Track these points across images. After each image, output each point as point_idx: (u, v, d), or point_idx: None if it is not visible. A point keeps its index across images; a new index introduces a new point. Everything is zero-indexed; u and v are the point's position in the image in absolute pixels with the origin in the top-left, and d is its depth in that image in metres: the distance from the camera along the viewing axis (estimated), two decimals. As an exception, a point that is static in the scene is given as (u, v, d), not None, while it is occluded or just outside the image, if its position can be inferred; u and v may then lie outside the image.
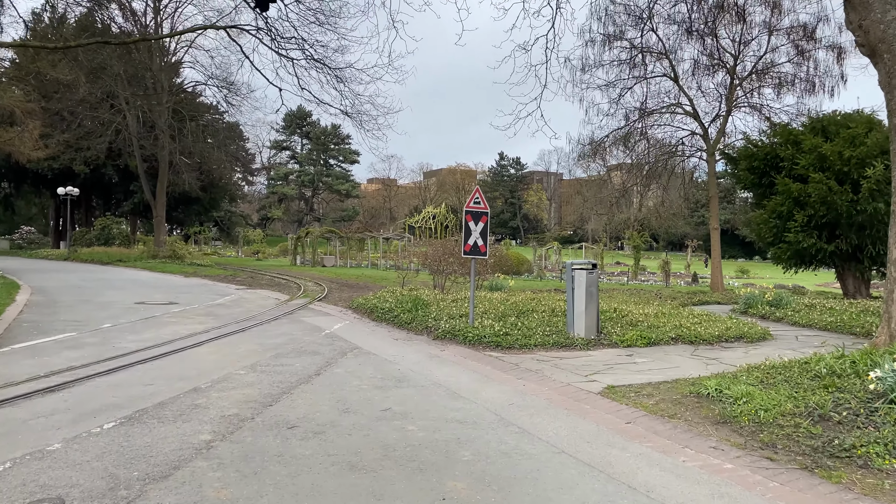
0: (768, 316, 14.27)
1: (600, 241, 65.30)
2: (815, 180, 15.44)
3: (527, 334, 9.90)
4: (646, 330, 10.58)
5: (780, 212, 16.46)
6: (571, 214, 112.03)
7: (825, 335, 11.56)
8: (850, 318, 12.51)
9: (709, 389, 6.36)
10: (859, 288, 16.54)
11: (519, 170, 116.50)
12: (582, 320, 9.98)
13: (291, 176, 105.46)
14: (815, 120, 17.25)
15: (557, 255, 57.65)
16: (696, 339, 10.09)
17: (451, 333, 10.14)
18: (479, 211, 10.29)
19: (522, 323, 10.76)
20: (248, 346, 9.34)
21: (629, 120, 27.38)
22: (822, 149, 15.59)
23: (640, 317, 11.91)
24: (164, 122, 34.59)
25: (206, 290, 18.84)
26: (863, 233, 15.52)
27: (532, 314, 12.08)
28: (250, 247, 71.60)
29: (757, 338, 10.58)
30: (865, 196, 14.86)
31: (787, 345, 10.25)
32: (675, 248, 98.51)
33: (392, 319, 11.96)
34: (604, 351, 9.38)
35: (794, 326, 12.87)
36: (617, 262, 69.68)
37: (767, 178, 17.40)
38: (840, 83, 24.83)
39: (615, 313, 12.22)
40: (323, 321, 12.37)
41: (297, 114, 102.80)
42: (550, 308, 12.63)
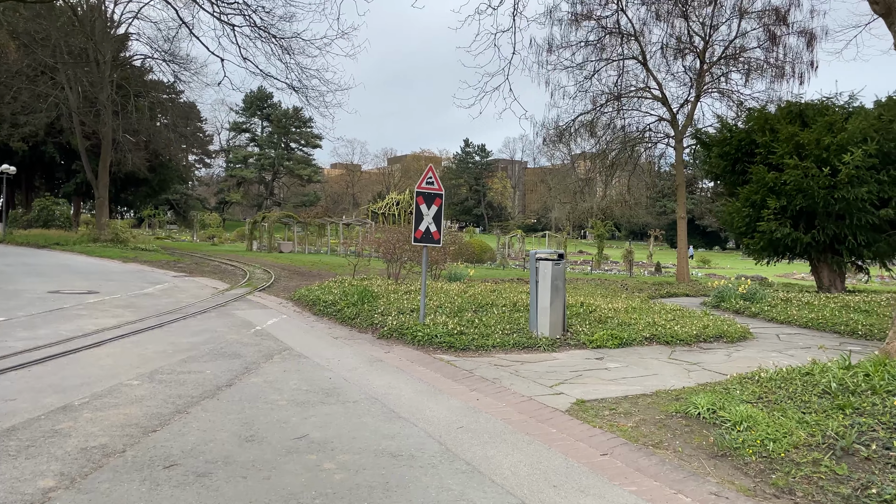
0: (742, 311, 13.39)
1: (564, 230, 64.74)
2: (791, 166, 14.57)
3: (484, 333, 8.72)
4: (617, 328, 9.51)
5: (754, 200, 15.57)
6: (535, 202, 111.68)
7: (806, 333, 10.66)
8: (832, 314, 11.65)
9: (699, 408, 5.26)
10: (834, 281, 15.80)
11: (484, 157, 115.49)
12: (547, 317, 8.86)
13: (251, 159, 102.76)
14: (791, 104, 16.38)
15: (521, 242, 56.95)
16: (672, 340, 9.04)
17: (398, 332, 8.90)
18: (433, 192, 9.05)
19: (480, 319, 9.59)
20: (158, 347, 7.97)
21: (596, 104, 26.41)
22: (799, 137, 14.71)
23: (609, 312, 10.85)
24: (105, 97, 32.40)
25: (139, 278, 17.24)
26: (841, 222, 14.73)
27: (492, 308, 10.93)
28: (206, 231, 69.32)
29: (737, 337, 9.59)
30: (844, 183, 14.04)
31: (771, 345, 9.28)
32: (637, 238, 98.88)
33: (335, 314, 10.67)
34: (571, 353, 8.26)
35: (772, 323, 11.98)
36: (580, 250, 69.35)
37: (741, 165, 16.50)
38: (810, 70, 24.25)
39: (582, 308, 11.14)
40: (257, 315, 11.01)
41: (257, 95, 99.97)
42: (512, 301, 11.49)
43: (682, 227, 26.19)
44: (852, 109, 15.40)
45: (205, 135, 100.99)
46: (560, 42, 25.16)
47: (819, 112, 15.65)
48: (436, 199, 9.04)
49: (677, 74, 25.93)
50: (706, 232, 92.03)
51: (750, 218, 15.87)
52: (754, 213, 15.78)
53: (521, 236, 60.18)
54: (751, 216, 15.86)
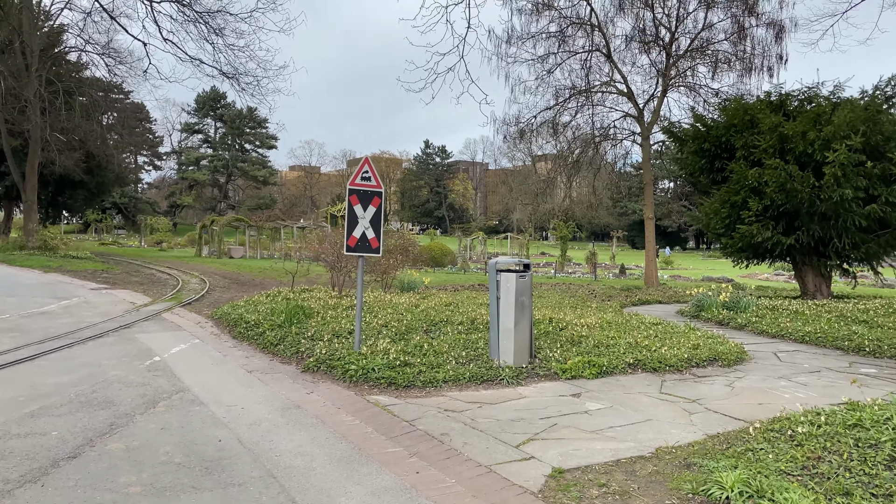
0: (726, 322, 12.04)
1: (526, 231, 63.58)
2: (772, 166, 13.32)
3: (435, 363, 7.09)
4: (593, 351, 7.98)
5: (734, 201, 14.28)
6: (497, 204, 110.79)
7: (806, 350, 9.31)
8: (830, 326, 10.35)
9: (726, 490, 3.71)
10: (820, 286, 14.61)
11: (444, 158, 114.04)
12: (510, 342, 7.28)
13: (204, 161, 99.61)
14: (771, 93, 15.14)
15: (483, 245, 55.64)
16: (660, 366, 7.54)
17: (327, 363, 7.20)
18: (370, 190, 7.38)
19: (430, 344, 7.95)
20: (10, 392, 6.13)
21: (559, 99, 25.06)
22: (783, 128, 13.47)
23: (582, 329, 9.33)
24: (33, 94, 29.83)
25: (48, 292, 15.15)
26: (827, 223, 13.53)
27: (446, 327, 9.31)
28: (154, 236, 66.42)
29: (733, 359, 8.15)
30: (830, 182, 12.83)
31: (773, 369, 7.86)
32: (598, 239, 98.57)
33: (257, 338, 8.90)
34: (541, 387, 6.69)
35: (763, 337, 10.63)
36: (542, 252, 68.38)
37: (720, 161, 15.23)
38: (779, 63, 23.26)
39: (551, 325, 9.59)
40: (163, 340, 9.17)
41: (209, 95, 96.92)
42: (470, 318, 9.89)
43: (650, 228, 25.00)
44: (837, 100, 14.24)
45: (154, 136, 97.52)
46: (520, 33, 23.73)
47: (802, 103, 14.46)
48: (373, 198, 7.37)
49: (643, 67, 24.80)
50: (666, 232, 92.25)
51: (730, 219, 14.59)
52: (734, 213, 14.51)
53: (483, 238, 58.94)
54: (730, 217, 14.58)
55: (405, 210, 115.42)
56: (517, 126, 26.11)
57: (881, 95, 13.67)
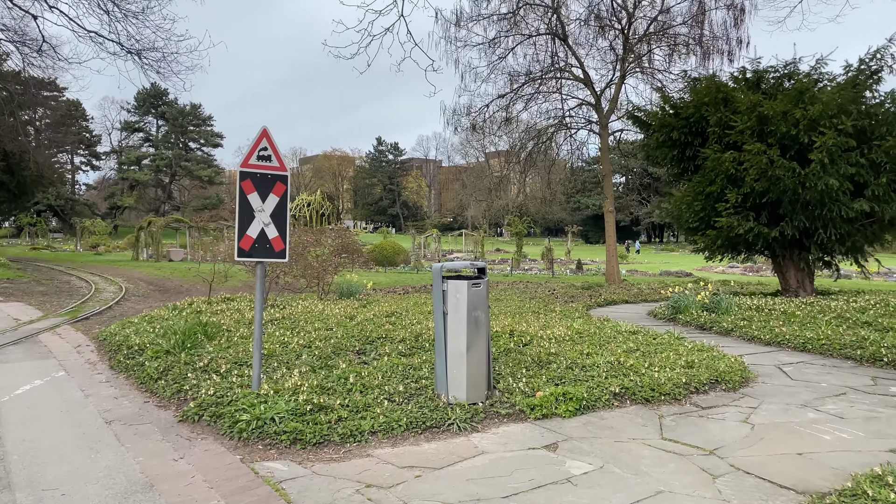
0: (709, 326, 10.57)
1: (480, 228, 62.14)
2: (753, 151, 11.92)
3: (362, 404, 5.29)
4: (567, 375, 6.31)
5: (709, 191, 12.85)
6: (451, 201, 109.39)
7: (813, 361, 7.83)
8: (832, 331, 8.92)
9: None
10: (802, 281, 13.31)
11: (397, 155, 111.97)
12: (461, 370, 5.54)
13: (145, 160, 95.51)
14: (744, 70, 13.73)
15: (437, 242, 54.04)
16: (653, 396, 5.90)
17: (213, 410, 5.30)
18: (270, 174, 5.52)
19: (359, 374, 6.14)
20: None
21: (513, 86, 23.48)
22: (762, 108, 12.07)
23: (549, 344, 7.68)
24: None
25: (-81, 308, 12.79)
26: (812, 214, 12.20)
27: (384, 346, 7.53)
28: (90, 239, 62.98)
29: (738, 380, 6.58)
30: (816, 170, 11.49)
31: (790, 393, 6.30)
32: (552, 234, 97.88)
33: (137, 368, 6.93)
34: (503, 434, 4.98)
35: (755, 344, 9.15)
36: (497, 248, 67.09)
37: (691, 149, 13.79)
38: (739, 47, 22.10)
39: (512, 339, 7.91)
40: (14, 375, 7.11)
41: (150, 92, 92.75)
42: (415, 333, 8.13)
43: (610, 222, 23.74)
44: (819, 76, 12.93)
45: (92, 134, 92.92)
46: (471, 14, 22.06)
47: (781, 80, 13.12)
48: (276, 183, 5.51)
49: (602, 50, 23.37)
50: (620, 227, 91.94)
51: (704, 212, 13.15)
52: (708, 205, 13.08)
53: (437, 236, 57.33)
54: (705, 210, 13.15)
55: (358, 208, 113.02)
56: (469, 116, 24.46)
57: (866, 70, 12.41)
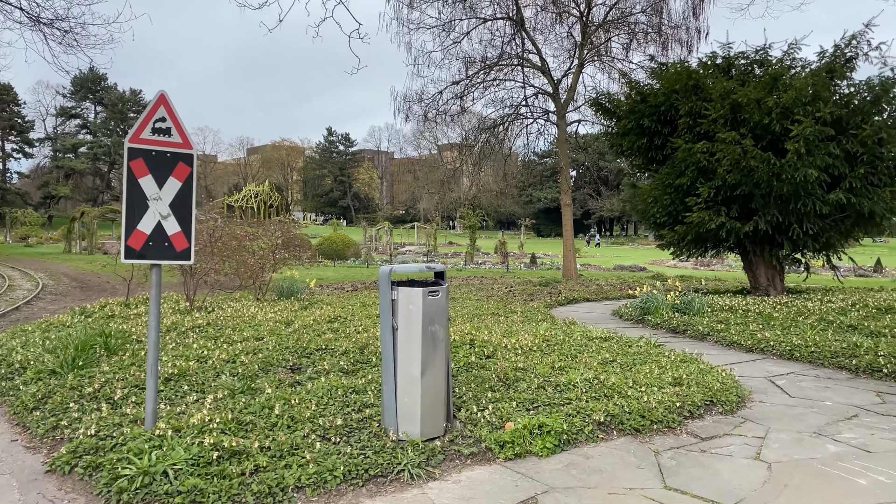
0: (682, 329, 9.76)
1: (433, 221, 61.11)
2: (727, 140, 11.16)
3: (287, 447, 4.14)
4: (540, 398, 5.30)
5: (679, 184, 12.06)
6: (403, 193, 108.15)
7: (805, 372, 7.03)
8: (820, 336, 8.16)
9: None
10: (773, 279, 12.67)
11: (348, 146, 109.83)
12: (415, 399, 4.48)
13: (82, 148, 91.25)
14: (713, 56, 12.97)
15: (389, 235, 52.87)
16: (643, 425, 4.93)
17: (89, 460, 4.07)
18: (171, 151, 4.30)
19: (288, 401, 5.00)
20: None
21: (468, 72, 22.46)
22: (736, 95, 11.32)
23: (515, 356, 6.68)
24: None
25: None
26: (786, 208, 11.54)
27: (323, 360, 6.41)
28: (20, 230, 59.75)
29: (735, 400, 5.69)
30: (793, 160, 10.79)
31: (796, 416, 5.43)
32: (505, 227, 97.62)
33: (11, 393, 5.60)
34: (465, 483, 3.92)
35: (737, 351, 8.34)
36: (450, 241, 66.29)
37: (660, 137, 12.97)
38: (698, 37, 21.57)
39: (472, 350, 6.88)
40: None
41: (88, 77, 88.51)
42: (360, 343, 7.02)
43: (568, 215, 22.96)
44: (791, 63, 12.26)
45: (24, 120, 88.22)
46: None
47: (752, 66, 12.41)
48: (178, 164, 4.30)
49: (560, 36, 22.53)
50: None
51: (673, 206, 12.37)
52: (678, 198, 12.30)
53: (389, 228, 56.12)
54: (674, 203, 12.36)
55: (308, 200, 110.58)
56: (421, 103, 23.34)
57: (841, 57, 11.79)
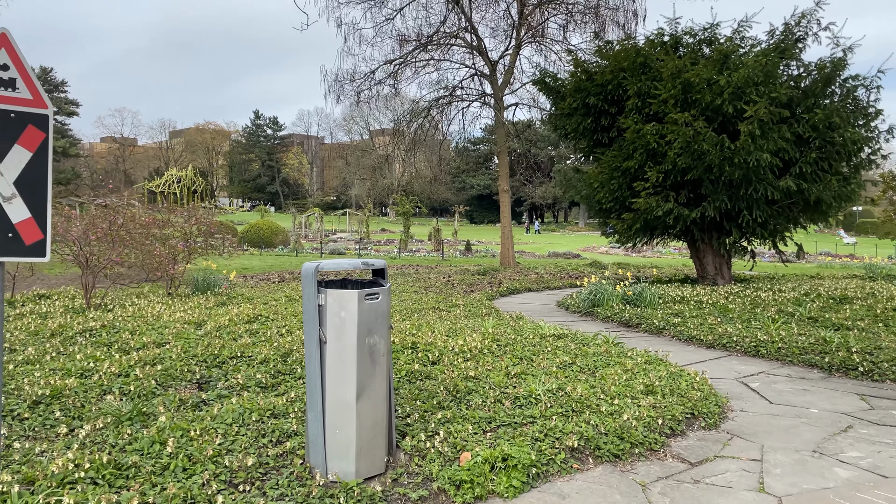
0: (635, 323, 9.15)
1: (365, 207, 59.69)
2: (678, 122, 10.61)
3: (181, 500, 3.16)
4: (498, 415, 4.46)
5: (627, 167, 11.46)
6: (335, 179, 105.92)
7: (776, 371, 6.46)
8: (785, 331, 7.64)
9: None
10: (721, 268, 12.28)
11: (277, 130, 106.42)
12: (349, 431, 3.54)
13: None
14: (661, 32, 12.38)
15: (319, 222, 51.30)
16: (622, 448, 4.12)
17: None
18: (15, 111, 3.19)
19: (186, 434, 3.96)
20: None
21: (403, 49, 21.41)
22: (688, 74, 10.76)
23: (464, 361, 5.82)
24: None
25: None
26: (737, 194, 11.11)
27: (237, 371, 5.39)
28: None
29: (717, 414, 4.99)
30: (746, 143, 10.33)
31: (785, 428, 4.77)
32: (438, 214, 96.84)
33: None
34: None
35: (697, 346, 7.75)
36: (382, 228, 65.04)
37: (607, 118, 12.33)
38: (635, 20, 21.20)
39: (416, 356, 5.98)
40: None
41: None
42: (283, 351, 5.99)
43: (506, 202, 22.33)
44: (741, 41, 11.80)
45: None
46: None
47: (700, 44, 11.90)
48: (26, 128, 3.19)
49: (497, 15, 21.75)
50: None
51: (620, 191, 11.76)
52: (625, 183, 11.71)
53: (320, 215, 54.39)
54: (621, 188, 11.76)
55: (234, 185, 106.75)
56: (353, 83, 22.14)
57: (791, 36, 11.41)
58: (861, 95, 11.28)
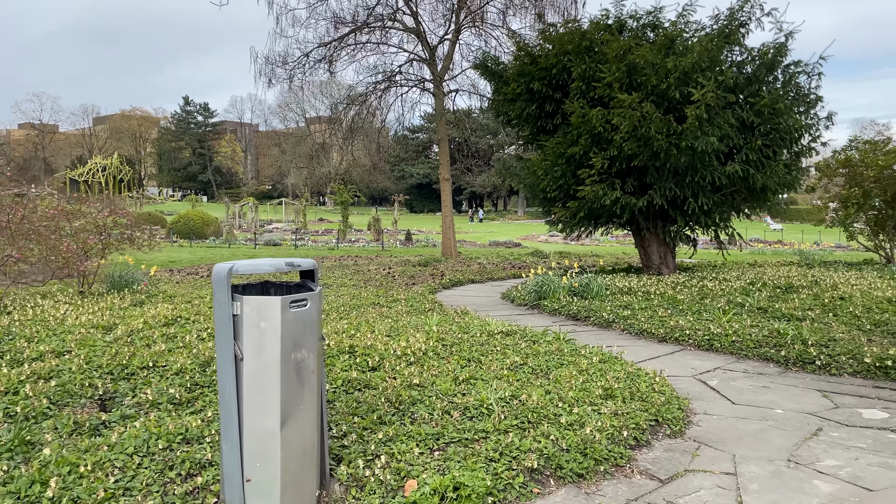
0: (584, 316, 8.81)
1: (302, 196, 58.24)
2: (626, 103, 10.31)
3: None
4: (446, 430, 3.96)
5: (572, 154, 11.11)
6: (270, 168, 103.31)
7: (731, 367, 6.19)
8: (738, 322, 7.43)
9: None
10: (665, 257, 12.12)
11: (208, 117, 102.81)
12: (272, 465, 2.97)
13: None
14: (606, 14, 12.05)
15: (254, 212, 49.76)
16: (585, 466, 3.67)
17: None
18: None
19: (75, 471, 3.30)
20: None
21: (337, 32, 20.57)
22: (633, 56, 10.47)
23: (406, 367, 5.30)
24: None
25: None
26: (683, 181, 10.92)
27: (145, 388, 4.70)
28: None
29: (681, 419, 4.63)
30: (694, 127, 10.12)
31: (759, 439, 4.42)
32: (377, 203, 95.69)
33: None
34: None
35: (649, 340, 7.45)
36: (321, 218, 63.63)
37: (551, 103, 11.96)
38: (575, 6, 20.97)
39: (353, 361, 5.42)
40: None
41: None
42: (203, 359, 5.33)
43: (447, 190, 21.84)
44: (685, 26, 11.59)
45: None
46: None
47: (644, 28, 11.64)
48: None
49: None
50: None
51: (564, 178, 11.42)
52: (569, 170, 11.37)
53: (254, 204, 52.84)
54: (565, 176, 11.42)
55: (164, 174, 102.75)
56: (286, 67, 21.18)
57: (735, 21, 11.27)
58: (802, 82, 11.28)
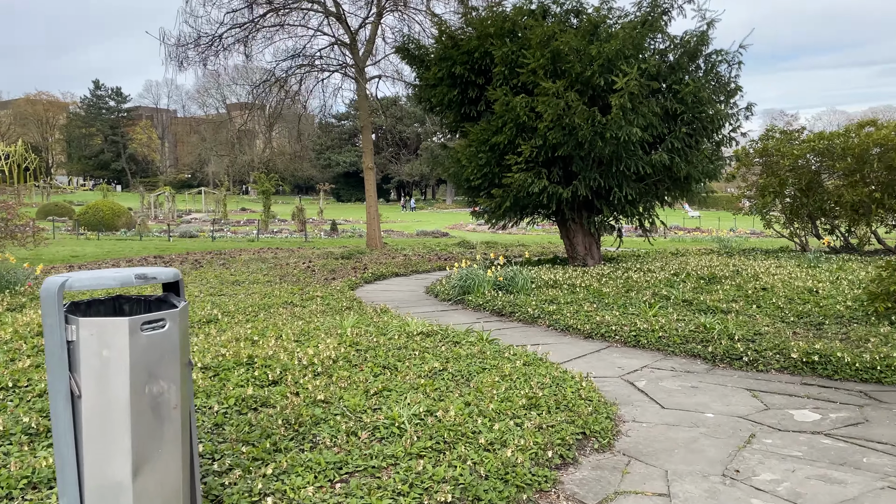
0: (509, 311, 8.47)
1: (223, 185, 56.06)
2: (549, 92, 10.00)
3: None
4: (350, 457, 3.46)
5: (496, 142, 10.75)
6: (189, 155, 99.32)
7: (658, 365, 5.95)
8: (664, 317, 7.23)
9: None
10: (590, 248, 11.94)
11: (121, 102, 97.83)
12: (123, 522, 2.40)
13: None
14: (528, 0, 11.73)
15: (171, 201, 47.61)
16: (507, 496, 3.25)
17: None
18: None
19: None
20: None
21: (252, 13, 19.54)
22: (557, 42, 10.16)
23: (312, 379, 4.78)
24: None
25: None
26: (608, 171, 10.72)
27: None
28: None
29: (610, 429, 4.28)
30: (618, 116, 9.91)
31: (692, 449, 4.12)
32: (303, 192, 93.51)
33: None
34: None
35: (574, 337, 7.15)
36: (243, 207, 61.60)
37: (475, 89, 11.54)
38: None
39: (251, 374, 4.85)
40: None
41: None
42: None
43: (371, 180, 21.21)
44: (607, 12, 11.38)
45: None
46: None
47: (567, 15, 11.37)
48: None
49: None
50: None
51: (489, 166, 11.05)
52: (494, 158, 11.01)
53: (171, 194, 50.59)
54: (490, 164, 11.05)
55: (74, 162, 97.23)
56: (198, 48, 19.99)
57: (656, 8, 11.15)
58: (723, 71, 11.29)
